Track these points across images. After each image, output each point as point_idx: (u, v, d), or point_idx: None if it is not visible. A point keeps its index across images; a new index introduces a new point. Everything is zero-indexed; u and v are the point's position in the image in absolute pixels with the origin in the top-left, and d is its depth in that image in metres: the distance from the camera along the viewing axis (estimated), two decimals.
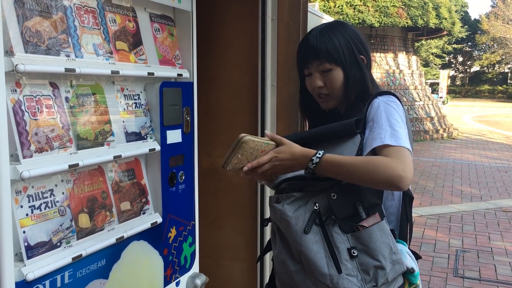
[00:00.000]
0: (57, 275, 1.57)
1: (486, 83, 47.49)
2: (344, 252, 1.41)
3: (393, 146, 1.42)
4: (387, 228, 1.50)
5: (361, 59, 1.65)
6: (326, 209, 1.44)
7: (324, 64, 1.63)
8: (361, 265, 1.41)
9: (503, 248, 5.38)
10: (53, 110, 1.60)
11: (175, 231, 2.19)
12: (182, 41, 2.24)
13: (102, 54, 1.79)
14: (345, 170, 1.41)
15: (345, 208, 1.46)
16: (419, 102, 16.18)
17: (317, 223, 1.43)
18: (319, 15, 8.84)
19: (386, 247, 1.45)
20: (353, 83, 1.64)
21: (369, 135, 1.50)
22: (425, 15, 15.30)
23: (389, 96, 1.60)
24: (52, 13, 1.60)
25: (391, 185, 1.38)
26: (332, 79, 1.64)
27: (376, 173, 1.37)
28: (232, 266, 2.94)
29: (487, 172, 10.04)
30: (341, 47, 1.62)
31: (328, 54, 1.62)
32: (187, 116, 2.21)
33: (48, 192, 1.59)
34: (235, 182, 2.88)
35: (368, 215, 1.47)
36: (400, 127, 1.48)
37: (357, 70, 1.64)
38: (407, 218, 1.65)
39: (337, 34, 1.64)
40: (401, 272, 1.49)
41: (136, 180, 2.01)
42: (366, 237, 1.43)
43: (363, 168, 1.39)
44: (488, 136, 16.82)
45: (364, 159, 1.43)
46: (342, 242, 1.42)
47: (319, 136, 1.60)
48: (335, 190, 1.45)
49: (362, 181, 1.44)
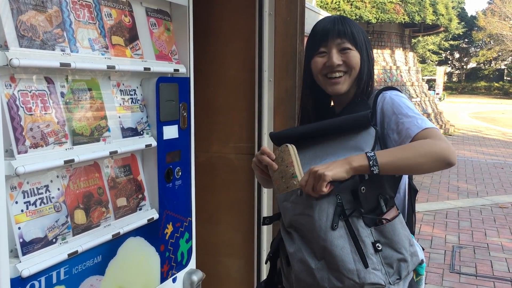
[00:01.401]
0: (52, 271, 1.56)
1: (482, 80, 47.56)
2: (370, 247, 1.40)
3: (428, 129, 1.47)
4: (403, 220, 1.51)
5: (372, 52, 1.70)
6: (349, 202, 1.43)
7: (346, 43, 1.62)
8: (385, 258, 1.41)
9: (499, 244, 5.39)
10: (48, 105, 1.58)
11: (172, 227, 2.18)
12: (179, 36, 2.22)
13: (97, 48, 1.77)
14: (398, 163, 1.42)
15: (370, 202, 1.45)
16: (415, 98, 16.18)
17: (341, 217, 1.41)
18: (316, 11, 8.80)
19: (406, 240, 1.46)
20: (366, 71, 1.65)
21: (401, 127, 1.51)
22: (422, 11, 15.28)
23: (394, 90, 1.63)
24: (47, 7, 1.58)
25: (443, 161, 1.41)
26: (351, 57, 1.63)
27: (427, 154, 1.40)
28: (229, 263, 2.94)
29: (484, 168, 10.06)
30: (361, 35, 1.65)
31: (352, 36, 1.63)
32: (184, 111, 2.19)
33: (43, 188, 1.58)
34: (232, 178, 2.87)
35: (387, 208, 1.48)
36: (419, 113, 1.54)
37: (368, 60, 1.67)
38: (412, 210, 1.67)
39: (356, 26, 1.66)
40: (418, 264, 1.50)
41: (133, 176, 2.00)
42: (390, 230, 1.43)
43: (413, 153, 1.41)
44: (484, 132, 16.87)
45: (408, 146, 1.45)
46: (367, 236, 1.41)
47: (328, 129, 1.58)
48: (365, 183, 1.44)
49: (415, 168, 1.46)
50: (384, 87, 1.66)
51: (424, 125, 1.47)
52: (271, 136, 1.71)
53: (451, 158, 1.41)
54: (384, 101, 1.58)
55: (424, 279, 1.66)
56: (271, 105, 2.62)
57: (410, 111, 1.53)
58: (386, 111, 1.56)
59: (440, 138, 1.44)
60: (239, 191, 2.84)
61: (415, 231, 3.95)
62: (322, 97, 1.75)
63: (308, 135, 1.61)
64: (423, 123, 1.48)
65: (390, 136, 1.55)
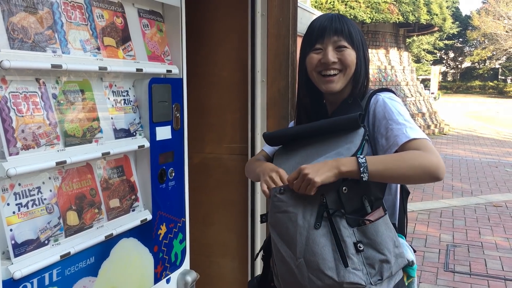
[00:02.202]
0: (45, 273, 1.56)
1: (477, 79, 47.74)
2: (351, 246, 1.40)
3: (417, 139, 1.46)
4: (389, 222, 1.51)
5: (368, 51, 1.69)
6: (334, 202, 1.43)
7: (342, 41, 1.62)
8: (367, 259, 1.41)
9: (493, 242, 5.42)
10: (40, 106, 1.58)
11: (165, 228, 2.18)
12: (171, 37, 2.23)
13: (89, 50, 1.77)
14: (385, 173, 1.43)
15: (353, 202, 1.46)
16: (410, 98, 16.24)
17: (324, 216, 1.42)
18: (310, 11, 8.83)
19: (390, 241, 1.46)
20: (361, 71, 1.65)
21: (389, 133, 1.51)
22: (416, 11, 15.34)
23: (389, 93, 1.62)
24: (38, 8, 1.58)
25: (431, 175, 1.41)
26: (347, 55, 1.62)
27: (415, 167, 1.40)
28: (223, 263, 2.94)
29: (478, 167, 10.11)
30: (357, 34, 1.65)
31: (350, 35, 1.62)
32: (177, 112, 2.19)
33: (35, 189, 1.58)
34: (226, 178, 2.87)
35: (372, 209, 1.48)
36: (412, 121, 1.54)
37: (364, 60, 1.66)
38: (404, 211, 1.68)
39: (354, 25, 1.66)
40: (403, 266, 1.50)
41: (125, 177, 2.00)
42: (372, 231, 1.43)
43: (402, 164, 1.42)
44: (479, 131, 16.94)
45: (398, 156, 1.45)
46: (349, 236, 1.41)
47: (319, 130, 1.59)
48: (346, 184, 1.44)
49: (402, 178, 1.48)
50: (379, 88, 1.65)
51: (412, 135, 1.46)
52: (265, 137, 1.72)
53: (440, 173, 1.41)
54: (377, 103, 1.58)
55: (417, 281, 1.66)
56: (264, 106, 2.62)
57: (400, 117, 1.52)
58: (377, 114, 1.57)
59: (431, 151, 1.43)
60: (232, 191, 2.85)
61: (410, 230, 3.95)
62: (316, 94, 1.74)
63: (301, 136, 1.62)
64: (411, 132, 1.48)
65: (378, 141, 1.55)
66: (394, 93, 1.64)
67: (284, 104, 2.54)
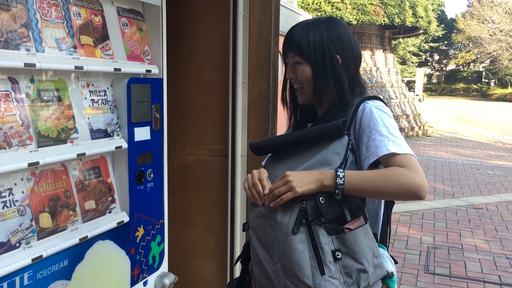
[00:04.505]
0: (15, 276, 1.52)
1: (461, 82, 48.33)
2: (329, 254, 1.39)
3: (401, 155, 1.43)
4: (370, 231, 1.49)
5: (336, 58, 1.61)
6: (313, 209, 1.42)
7: (295, 57, 1.64)
8: (344, 267, 1.39)
9: (473, 245, 5.47)
10: (12, 106, 1.54)
11: (143, 230, 2.15)
12: (152, 36, 2.19)
13: (65, 48, 1.73)
14: (366, 189, 1.42)
15: (333, 210, 1.44)
16: (395, 99, 16.36)
17: (303, 223, 1.40)
18: (297, 12, 8.81)
19: (369, 251, 1.44)
20: (323, 80, 1.61)
21: (371, 143, 1.49)
22: (402, 13, 15.45)
23: (378, 101, 1.60)
24: (12, 5, 1.54)
25: (413, 195, 1.40)
26: (299, 72, 1.64)
27: (398, 186, 1.39)
28: (202, 265, 2.92)
29: (460, 170, 10.21)
30: (314, 44, 1.60)
31: (299, 47, 1.62)
32: (156, 113, 2.17)
33: (6, 191, 1.54)
34: (206, 180, 2.85)
35: (353, 217, 1.46)
36: (399, 134, 1.51)
37: (328, 68, 1.61)
38: (388, 222, 1.65)
39: (316, 30, 1.62)
40: (382, 277, 1.48)
41: (102, 178, 1.96)
42: (351, 240, 1.41)
43: (384, 182, 1.40)
44: (461, 133, 17.12)
45: (381, 173, 1.43)
46: (327, 243, 1.39)
47: (304, 139, 1.58)
48: (323, 194, 1.43)
49: (383, 195, 1.48)
50: (368, 96, 1.63)
51: (393, 149, 1.44)
52: (251, 147, 1.69)
53: (422, 194, 1.39)
54: (363, 111, 1.56)
55: (398, 283, 1.65)
56: (245, 107, 2.60)
57: (384, 129, 1.49)
58: (363, 123, 1.55)
59: (415, 169, 1.41)
60: (212, 193, 2.82)
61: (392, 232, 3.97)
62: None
63: (286, 145, 1.60)
64: (393, 146, 1.45)
65: (360, 148, 1.54)
66: (383, 101, 1.62)
67: (265, 106, 2.53)
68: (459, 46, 47.83)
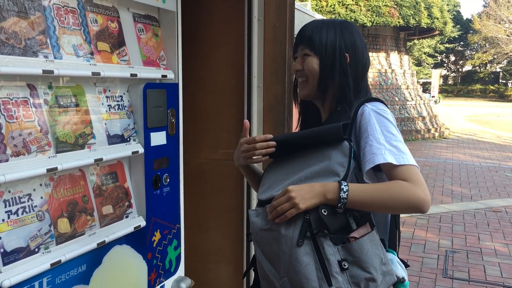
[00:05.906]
0: (34, 281, 1.54)
1: (478, 83, 47.75)
2: (335, 265, 1.37)
3: (404, 166, 1.41)
4: (377, 238, 1.46)
5: (345, 56, 1.61)
6: (317, 221, 1.40)
7: (305, 49, 1.63)
8: (352, 277, 1.37)
9: (492, 248, 5.39)
10: (31, 112, 1.56)
11: (160, 234, 2.16)
12: (167, 41, 2.21)
13: (82, 55, 1.75)
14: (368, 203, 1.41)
15: (336, 221, 1.42)
16: (411, 101, 16.22)
17: (308, 236, 1.39)
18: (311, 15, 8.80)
19: (376, 258, 1.41)
20: (329, 74, 1.60)
21: (368, 149, 1.47)
22: (417, 14, 15.33)
23: (377, 104, 1.57)
24: (30, 13, 1.56)
25: (416, 210, 1.39)
26: (307, 63, 1.63)
27: (401, 202, 1.38)
28: (219, 269, 2.92)
29: (478, 172, 10.08)
30: (326, 38, 1.61)
31: (310, 41, 1.62)
32: (172, 118, 2.18)
33: (25, 196, 1.56)
34: (221, 184, 2.85)
35: (358, 225, 1.44)
36: (400, 141, 1.48)
37: (336, 64, 1.60)
38: (396, 226, 1.63)
39: (330, 28, 1.63)
40: (392, 283, 1.46)
41: (119, 183, 1.98)
42: (357, 249, 1.38)
43: (387, 197, 1.39)
44: (479, 135, 16.91)
45: (384, 188, 1.41)
46: (333, 254, 1.37)
47: (304, 140, 1.57)
48: (326, 206, 1.41)
49: (385, 210, 1.48)
50: (367, 98, 1.60)
51: (390, 159, 1.42)
52: None
53: (425, 208, 1.38)
54: (362, 115, 1.53)
55: None
56: (260, 112, 2.60)
57: (382, 137, 1.47)
58: (361, 126, 1.52)
59: (419, 183, 1.39)
60: (228, 197, 2.82)
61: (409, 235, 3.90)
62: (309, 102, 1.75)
63: (291, 143, 1.59)
64: (390, 156, 1.42)
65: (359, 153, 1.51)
66: (383, 103, 1.59)
67: (280, 110, 2.52)
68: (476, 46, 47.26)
